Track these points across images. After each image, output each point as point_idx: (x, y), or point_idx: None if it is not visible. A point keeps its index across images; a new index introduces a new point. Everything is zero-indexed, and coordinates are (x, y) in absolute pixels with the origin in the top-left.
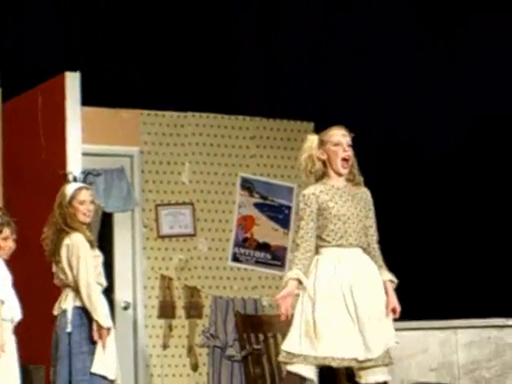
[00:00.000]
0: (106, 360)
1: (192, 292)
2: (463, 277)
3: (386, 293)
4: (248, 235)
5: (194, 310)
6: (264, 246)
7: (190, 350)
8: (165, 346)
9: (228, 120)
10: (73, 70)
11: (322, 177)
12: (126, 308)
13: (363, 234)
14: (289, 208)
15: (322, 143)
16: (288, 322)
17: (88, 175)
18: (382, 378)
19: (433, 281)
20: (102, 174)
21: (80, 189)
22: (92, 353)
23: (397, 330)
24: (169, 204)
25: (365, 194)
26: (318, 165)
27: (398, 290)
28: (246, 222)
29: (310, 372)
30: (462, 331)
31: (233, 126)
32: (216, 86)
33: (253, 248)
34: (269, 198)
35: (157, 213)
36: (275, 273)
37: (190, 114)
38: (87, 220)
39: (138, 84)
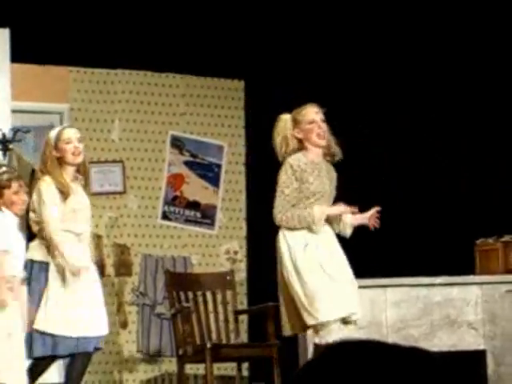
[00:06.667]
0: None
1: (122, 250)
2: (392, 235)
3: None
4: (178, 193)
5: (123, 268)
6: (194, 205)
7: (120, 308)
8: None
9: (158, 77)
10: (2, 26)
11: (299, 150)
12: None
13: None
14: (219, 166)
15: (296, 122)
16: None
17: (18, 132)
18: (337, 337)
19: (362, 239)
20: (31, 130)
21: (63, 128)
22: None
23: None
24: (98, 162)
25: (334, 171)
26: (293, 144)
27: None
28: (175, 181)
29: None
30: (391, 290)
31: (163, 84)
32: (146, 43)
33: (183, 206)
34: (199, 156)
35: None
36: (205, 231)
37: (119, 71)
38: (77, 160)
39: (67, 41)
